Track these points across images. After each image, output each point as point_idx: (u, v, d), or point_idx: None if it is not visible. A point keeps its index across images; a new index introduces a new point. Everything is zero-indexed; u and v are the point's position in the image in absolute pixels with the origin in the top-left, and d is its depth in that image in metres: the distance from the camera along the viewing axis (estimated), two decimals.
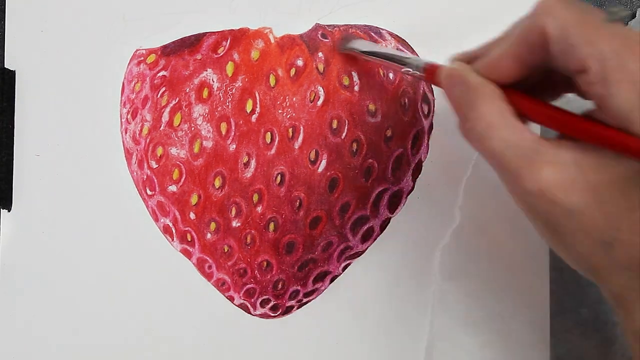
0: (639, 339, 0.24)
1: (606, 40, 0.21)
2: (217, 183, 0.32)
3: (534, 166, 0.23)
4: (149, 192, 0.33)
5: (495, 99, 0.24)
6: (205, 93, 0.32)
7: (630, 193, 0.22)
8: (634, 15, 0.28)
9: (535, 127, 0.28)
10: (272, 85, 0.32)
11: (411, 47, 0.33)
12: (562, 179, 0.23)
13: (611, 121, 0.22)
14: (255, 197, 0.33)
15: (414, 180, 0.34)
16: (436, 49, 0.33)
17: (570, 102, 0.25)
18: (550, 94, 0.26)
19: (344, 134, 0.33)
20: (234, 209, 0.33)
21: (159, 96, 0.32)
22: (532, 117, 0.24)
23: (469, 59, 0.26)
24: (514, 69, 0.24)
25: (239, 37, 0.33)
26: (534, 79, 0.25)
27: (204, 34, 0.33)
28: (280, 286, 0.33)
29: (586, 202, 0.22)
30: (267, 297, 0.33)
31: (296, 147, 0.33)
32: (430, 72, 0.27)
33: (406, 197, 0.34)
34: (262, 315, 0.34)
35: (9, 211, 0.33)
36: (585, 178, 0.22)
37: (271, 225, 0.33)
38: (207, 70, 0.32)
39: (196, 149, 0.32)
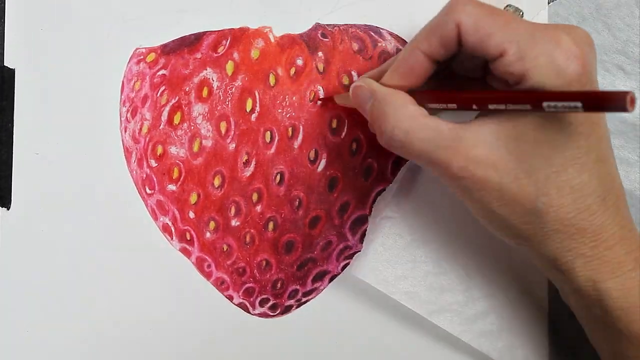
0: (578, 296, 0.26)
1: (517, 25, 0.24)
2: (217, 182, 0.32)
3: (458, 152, 0.24)
4: (148, 191, 0.33)
5: (406, 104, 0.26)
6: (205, 92, 0.32)
7: (552, 157, 0.24)
8: (522, 14, 0.32)
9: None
10: (271, 84, 0.32)
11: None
12: (487, 156, 0.24)
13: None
14: (255, 196, 0.33)
15: None
16: None
17: None
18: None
19: (343, 134, 0.33)
20: (233, 208, 0.33)
21: (158, 95, 0.32)
22: (445, 106, 0.26)
23: (379, 74, 0.28)
24: (423, 66, 0.26)
25: (239, 36, 0.33)
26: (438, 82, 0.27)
27: (204, 32, 0.33)
28: (279, 285, 0.33)
29: (514, 173, 0.24)
30: (266, 296, 0.33)
31: (296, 147, 0.33)
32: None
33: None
34: (261, 315, 0.34)
35: (8, 209, 0.33)
36: (508, 150, 0.24)
37: (270, 225, 0.33)
38: (206, 69, 0.32)
39: (196, 148, 0.32)
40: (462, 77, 0.28)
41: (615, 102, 0.21)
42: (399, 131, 0.25)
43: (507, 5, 0.32)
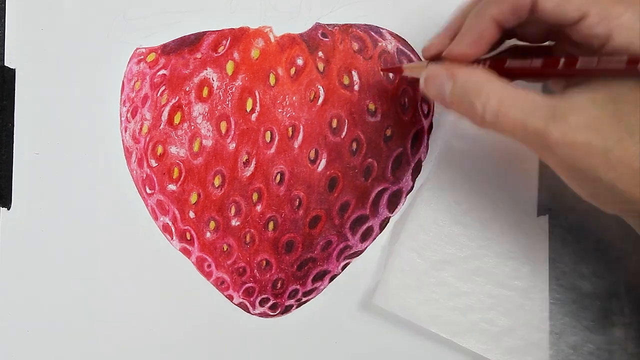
0: None
1: None
2: (217, 182, 0.32)
3: (556, 119, 0.24)
4: (148, 191, 0.33)
5: (491, 78, 0.25)
6: (205, 92, 0.32)
7: None
8: None
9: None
10: (272, 84, 0.32)
11: (411, 47, 0.33)
12: (587, 121, 0.23)
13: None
14: (255, 196, 0.33)
15: (413, 180, 0.34)
16: None
17: None
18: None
19: (343, 133, 0.33)
20: (233, 207, 0.33)
21: (158, 95, 0.32)
22: (536, 75, 0.26)
23: (441, 45, 0.28)
24: (492, 34, 0.26)
25: (239, 36, 0.33)
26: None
27: (204, 32, 0.33)
28: (279, 285, 0.33)
29: (617, 135, 0.23)
30: (266, 296, 0.33)
31: (296, 146, 0.33)
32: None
33: (405, 197, 0.34)
34: (261, 314, 0.34)
35: (8, 209, 0.33)
36: (607, 113, 0.23)
37: (270, 224, 0.33)
38: (207, 69, 0.32)
39: (196, 148, 0.32)
40: (520, 43, 0.28)
41: None
42: (493, 102, 0.25)
43: None
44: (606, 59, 0.23)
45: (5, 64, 0.32)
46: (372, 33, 0.33)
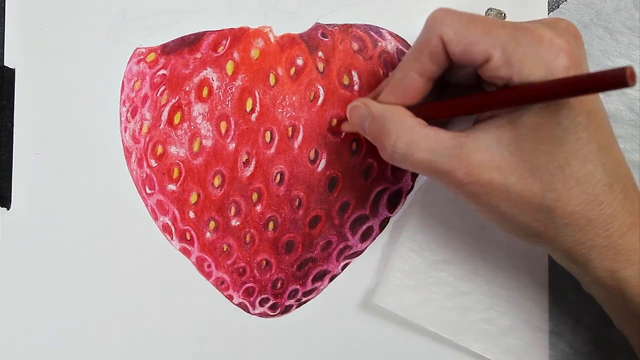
0: (598, 286, 0.26)
1: (498, 29, 0.24)
2: (217, 182, 0.32)
3: (461, 159, 0.25)
4: (148, 191, 0.33)
5: (404, 117, 0.26)
6: (205, 92, 0.32)
7: (554, 152, 0.24)
8: (504, 16, 0.32)
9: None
10: (271, 84, 0.32)
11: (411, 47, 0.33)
12: (490, 159, 0.24)
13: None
14: (255, 196, 0.33)
15: (413, 180, 0.34)
16: None
17: None
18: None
19: (343, 133, 0.33)
20: (233, 207, 0.33)
21: (158, 95, 0.32)
22: (445, 115, 0.27)
23: (376, 94, 0.29)
24: (418, 85, 0.26)
25: (239, 36, 0.33)
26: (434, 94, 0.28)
27: (204, 32, 0.33)
28: (279, 285, 0.33)
29: (519, 173, 0.24)
30: (266, 296, 0.33)
31: (296, 146, 0.33)
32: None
33: (405, 197, 0.34)
34: (261, 315, 0.34)
35: (8, 209, 0.33)
36: (510, 152, 0.24)
37: (270, 224, 0.33)
38: (207, 69, 0.32)
39: (196, 148, 0.32)
40: (457, 86, 0.28)
41: (616, 78, 0.21)
42: (401, 144, 0.26)
43: (488, 9, 0.32)
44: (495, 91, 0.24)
45: (5, 64, 0.32)
46: (372, 33, 0.33)
